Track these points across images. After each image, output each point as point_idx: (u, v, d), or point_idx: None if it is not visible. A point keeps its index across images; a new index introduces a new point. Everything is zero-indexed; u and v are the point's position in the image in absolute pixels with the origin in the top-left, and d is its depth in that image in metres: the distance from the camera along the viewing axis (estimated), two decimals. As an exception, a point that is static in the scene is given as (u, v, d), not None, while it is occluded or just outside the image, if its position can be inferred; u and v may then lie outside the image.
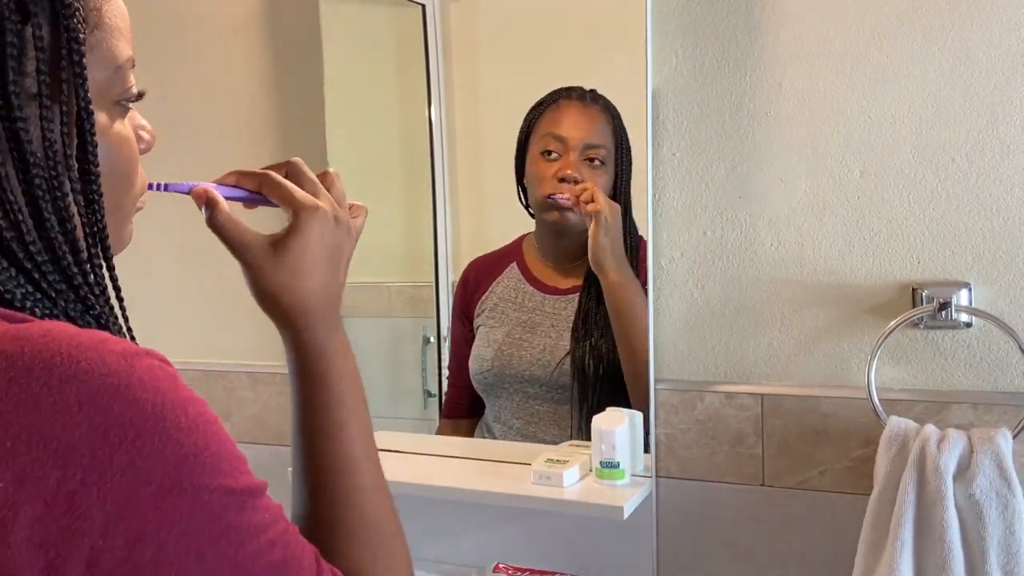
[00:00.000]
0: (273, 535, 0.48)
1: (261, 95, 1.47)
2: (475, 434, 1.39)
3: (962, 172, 1.05)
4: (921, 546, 0.98)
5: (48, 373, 0.42)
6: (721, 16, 1.14)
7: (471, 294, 1.39)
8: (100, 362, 0.43)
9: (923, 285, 1.07)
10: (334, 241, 0.65)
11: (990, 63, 1.03)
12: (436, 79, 1.40)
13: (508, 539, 1.31)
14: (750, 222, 1.15)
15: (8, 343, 0.43)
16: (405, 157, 1.50)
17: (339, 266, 0.67)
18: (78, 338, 0.44)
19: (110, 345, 0.44)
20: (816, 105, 1.11)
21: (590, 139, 1.26)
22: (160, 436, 0.43)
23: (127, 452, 0.42)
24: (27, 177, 0.49)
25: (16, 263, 0.48)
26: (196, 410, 0.46)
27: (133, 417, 0.43)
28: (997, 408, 1.04)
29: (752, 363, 1.17)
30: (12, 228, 0.48)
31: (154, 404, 0.44)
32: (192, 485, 0.44)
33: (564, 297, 1.32)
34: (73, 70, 0.50)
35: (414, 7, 1.40)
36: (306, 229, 0.63)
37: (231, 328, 1.50)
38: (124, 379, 0.43)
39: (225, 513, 0.46)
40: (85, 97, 0.51)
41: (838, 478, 1.12)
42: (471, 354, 1.37)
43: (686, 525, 1.21)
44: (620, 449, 1.16)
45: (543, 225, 1.33)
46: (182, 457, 0.44)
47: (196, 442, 0.45)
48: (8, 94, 0.47)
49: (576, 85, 1.28)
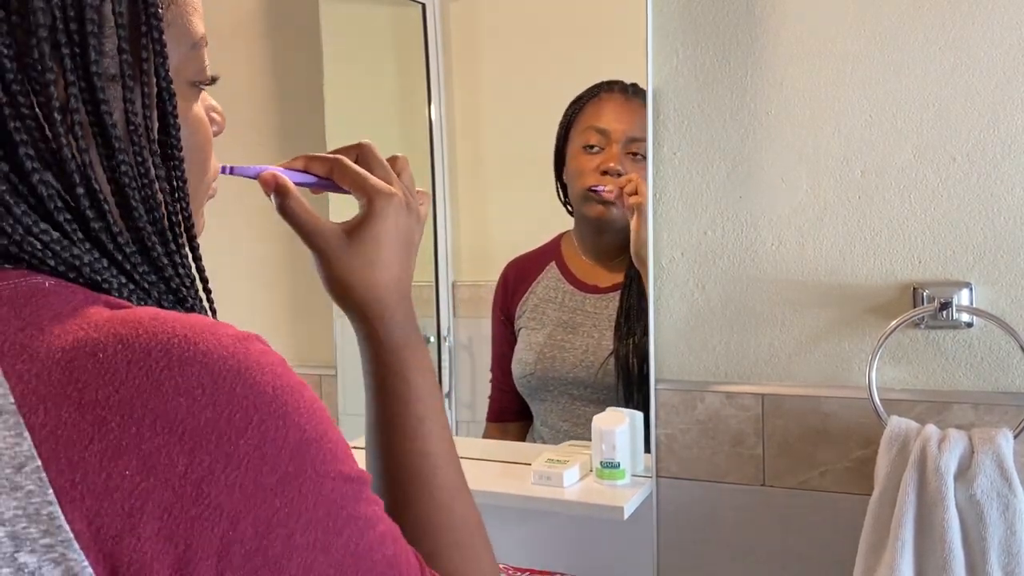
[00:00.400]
0: (384, 528, 0.46)
1: (261, 95, 1.47)
2: (528, 439, 1.37)
3: (963, 172, 1.05)
4: (922, 546, 0.98)
5: (167, 355, 0.40)
6: (722, 16, 1.14)
7: (511, 295, 1.37)
8: (218, 344, 0.41)
9: (924, 285, 1.07)
10: (407, 229, 0.63)
11: (991, 62, 1.03)
12: (436, 79, 1.40)
13: (509, 539, 1.31)
14: (751, 222, 1.15)
15: (120, 326, 0.41)
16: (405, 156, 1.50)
17: (411, 255, 0.65)
18: (189, 320, 0.42)
19: (222, 328, 0.43)
20: (817, 105, 1.11)
21: (633, 132, 1.24)
22: (283, 420, 0.41)
23: (252, 437, 0.40)
24: (113, 164, 0.46)
25: (107, 254, 0.46)
26: (310, 395, 0.44)
27: (256, 401, 0.41)
28: (998, 408, 1.04)
29: (753, 363, 1.16)
30: (100, 218, 0.46)
31: (274, 387, 0.42)
32: (315, 472, 0.42)
33: (605, 296, 1.30)
34: (154, 48, 0.47)
35: (414, 7, 1.40)
36: (381, 216, 0.61)
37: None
38: (243, 362, 0.41)
39: (346, 503, 0.44)
40: (167, 76, 0.48)
41: (839, 478, 1.12)
42: (513, 358, 1.36)
43: (686, 525, 1.21)
44: (620, 449, 1.16)
45: (584, 220, 1.32)
46: (305, 443, 0.42)
47: (316, 427, 0.43)
48: (91, 75, 0.45)
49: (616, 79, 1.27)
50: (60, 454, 0.38)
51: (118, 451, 0.38)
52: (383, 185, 0.63)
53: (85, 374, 0.39)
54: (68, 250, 0.44)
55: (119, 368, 0.39)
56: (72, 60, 0.44)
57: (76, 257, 0.45)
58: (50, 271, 0.44)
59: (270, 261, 1.48)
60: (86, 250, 0.45)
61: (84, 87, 0.45)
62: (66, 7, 0.44)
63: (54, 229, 0.44)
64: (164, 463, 0.38)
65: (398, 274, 0.63)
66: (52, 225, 0.44)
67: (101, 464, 0.38)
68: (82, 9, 0.44)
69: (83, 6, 0.44)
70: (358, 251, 0.61)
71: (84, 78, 0.45)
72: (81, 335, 0.40)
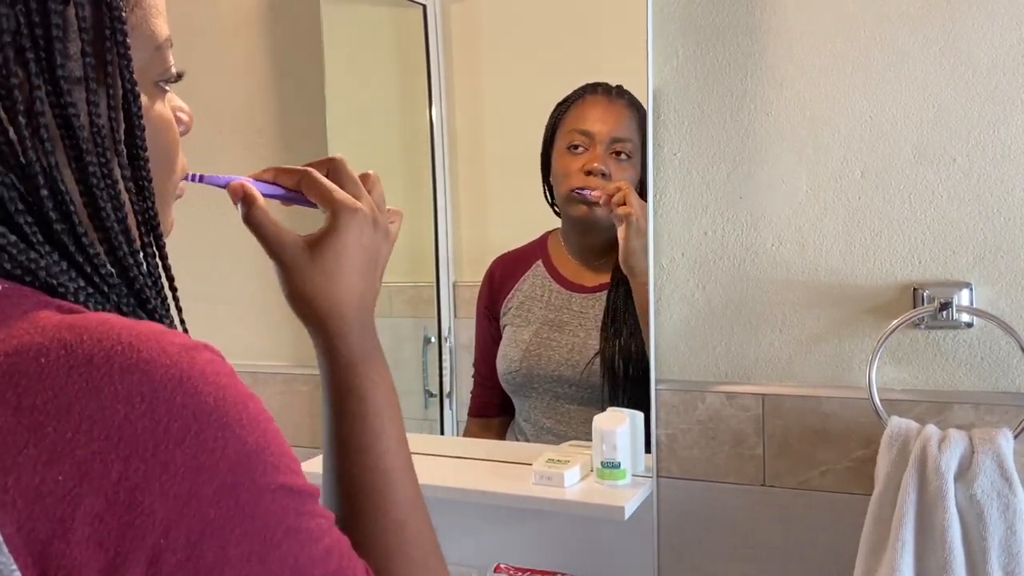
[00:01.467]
0: (329, 542, 0.46)
1: (261, 95, 1.47)
2: (507, 435, 1.38)
3: (963, 172, 1.05)
4: (922, 546, 0.98)
5: (109, 362, 0.40)
6: (722, 16, 1.14)
7: (497, 292, 1.38)
8: (161, 352, 0.41)
9: (924, 285, 1.07)
10: (372, 245, 0.64)
11: (991, 63, 1.03)
12: (437, 79, 1.40)
13: (509, 539, 1.31)
14: (751, 222, 1.15)
15: (66, 332, 0.41)
16: (406, 157, 1.50)
17: (376, 271, 0.65)
18: (137, 328, 0.42)
19: (169, 336, 0.43)
20: (817, 105, 1.11)
21: (616, 133, 1.25)
22: (223, 431, 0.41)
23: (190, 447, 0.40)
24: (81, 165, 0.47)
25: (67, 256, 0.46)
26: (256, 406, 0.44)
27: (196, 411, 0.41)
28: (998, 408, 1.04)
29: (753, 363, 1.17)
30: (63, 220, 0.46)
31: (216, 398, 0.42)
32: (254, 484, 0.42)
33: (591, 295, 1.31)
34: (117, 51, 0.48)
35: (415, 7, 1.40)
36: (344, 230, 0.62)
37: (231, 327, 1.50)
38: (186, 371, 0.41)
39: (286, 515, 0.43)
40: (131, 79, 0.49)
41: (839, 478, 1.12)
42: (498, 354, 1.36)
43: (687, 525, 1.21)
44: (621, 449, 1.16)
45: (569, 221, 1.32)
46: (245, 454, 0.42)
47: (258, 439, 0.43)
48: (57, 79, 0.45)
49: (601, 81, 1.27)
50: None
51: (52, 456, 0.38)
52: (348, 199, 0.63)
53: (25, 378, 0.39)
54: (25, 253, 0.45)
55: (59, 373, 0.39)
56: (37, 64, 0.45)
57: (32, 260, 0.45)
58: (5, 275, 0.44)
59: (270, 261, 1.48)
60: (44, 253, 0.46)
61: (51, 90, 0.45)
62: (30, 12, 0.44)
63: (12, 232, 0.45)
64: (98, 470, 0.38)
65: (360, 289, 0.63)
66: (10, 228, 0.45)
67: (35, 469, 0.38)
68: (47, 14, 0.45)
69: (48, 11, 0.45)
70: (319, 264, 0.61)
71: (50, 81, 0.45)
72: (26, 339, 0.41)
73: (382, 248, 0.65)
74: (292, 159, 1.46)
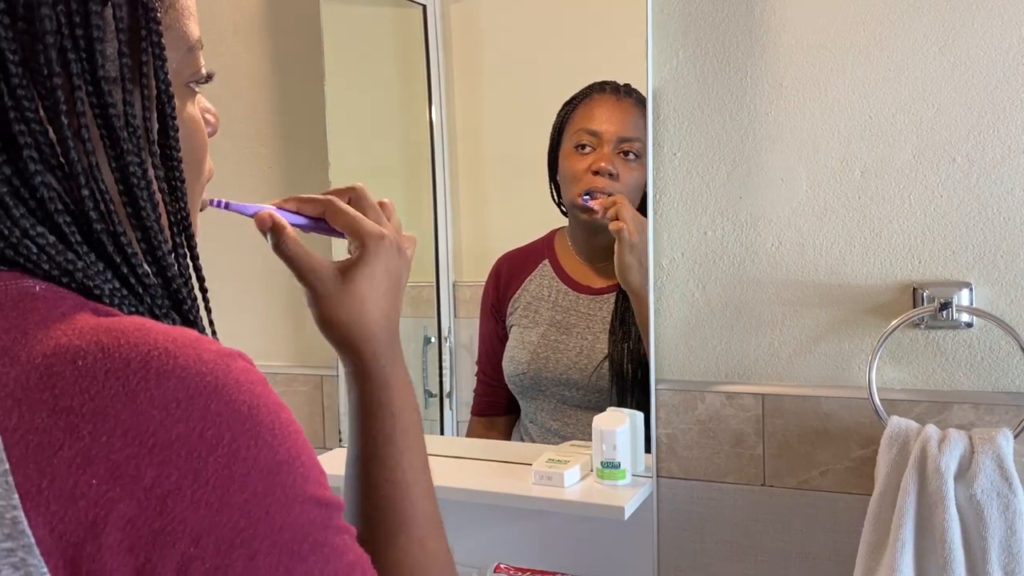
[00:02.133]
0: (353, 558, 0.46)
1: (261, 95, 1.47)
2: (512, 435, 1.37)
3: (963, 172, 1.05)
4: (922, 546, 0.98)
5: (146, 367, 0.40)
6: (722, 16, 1.14)
7: (503, 291, 1.37)
8: (198, 359, 0.41)
9: (924, 285, 1.07)
10: (397, 270, 0.66)
11: (991, 62, 1.03)
12: (437, 79, 1.40)
13: (509, 539, 1.31)
14: (751, 222, 1.15)
15: (104, 335, 0.41)
16: (405, 157, 1.50)
17: (400, 295, 0.67)
18: (173, 333, 0.42)
19: (206, 343, 0.43)
20: (817, 105, 1.11)
21: (623, 132, 1.25)
22: (255, 440, 0.41)
23: (223, 454, 0.40)
24: (120, 165, 0.47)
25: (104, 257, 0.47)
26: (287, 416, 0.44)
27: (229, 418, 0.41)
28: (998, 408, 1.04)
29: (753, 363, 1.17)
30: (103, 220, 0.46)
31: (249, 406, 0.42)
32: (284, 494, 0.42)
33: (599, 297, 1.30)
34: (153, 51, 0.48)
35: (415, 7, 1.40)
36: (374, 258, 0.64)
37: (231, 328, 1.50)
38: (222, 378, 0.41)
39: (313, 528, 0.43)
40: (165, 79, 0.49)
41: (839, 478, 1.12)
42: (505, 355, 1.35)
43: (687, 525, 1.21)
44: (621, 449, 1.16)
45: (576, 222, 1.32)
46: (276, 464, 0.42)
47: (289, 449, 0.42)
48: (98, 79, 0.45)
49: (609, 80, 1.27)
50: (29, 459, 0.38)
51: (87, 459, 0.38)
52: (375, 227, 0.65)
53: (63, 380, 0.39)
54: (63, 254, 0.45)
55: (97, 376, 0.39)
56: (79, 64, 0.45)
57: (70, 262, 0.45)
58: (43, 275, 0.44)
59: (271, 261, 1.48)
60: (82, 254, 0.46)
61: (91, 91, 0.45)
62: (71, 13, 0.44)
63: (51, 232, 0.45)
64: (131, 474, 0.38)
65: (388, 312, 0.65)
66: (50, 228, 0.45)
67: (69, 471, 0.38)
68: (87, 15, 0.45)
69: (88, 12, 0.45)
70: (351, 290, 0.64)
71: (92, 82, 0.45)
72: (64, 341, 0.41)
73: (404, 272, 0.68)
74: (291, 159, 1.46)
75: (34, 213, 0.44)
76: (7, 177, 0.43)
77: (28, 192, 0.44)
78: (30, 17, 0.43)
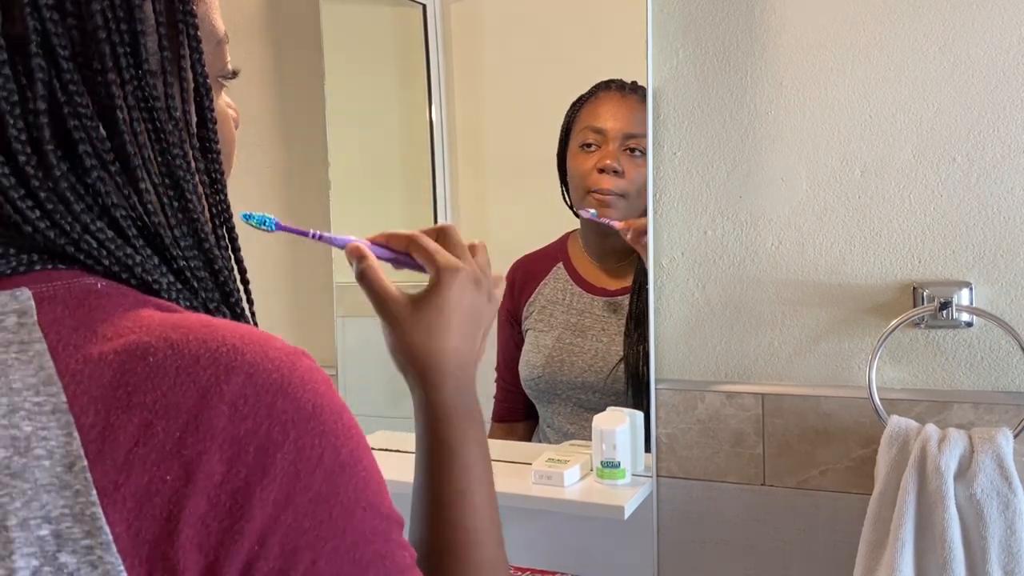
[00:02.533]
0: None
1: (261, 95, 1.47)
2: (533, 439, 1.37)
3: (963, 171, 1.05)
4: (922, 546, 0.98)
5: (215, 363, 0.40)
6: (722, 15, 1.14)
7: (518, 296, 1.37)
8: (265, 356, 0.41)
9: (924, 285, 1.07)
10: (473, 304, 0.65)
11: (991, 62, 1.03)
12: (437, 79, 1.40)
13: (509, 539, 1.30)
14: (751, 222, 1.15)
15: (171, 331, 0.41)
16: (405, 157, 1.50)
17: (478, 331, 0.66)
18: (240, 330, 0.42)
19: (273, 341, 0.43)
20: (817, 104, 1.11)
21: (629, 128, 1.24)
22: (320, 439, 0.41)
23: (288, 452, 0.40)
24: (167, 158, 0.47)
25: (160, 251, 0.47)
26: (349, 418, 0.43)
27: (295, 416, 0.40)
28: (998, 408, 1.04)
29: (753, 363, 1.17)
30: (160, 212, 0.46)
31: (314, 405, 0.41)
32: (347, 497, 0.41)
33: (613, 299, 1.30)
34: (190, 44, 0.49)
35: (415, 7, 1.40)
36: (444, 288, 0.63)
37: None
38: (287, 376, 0.41)
39: (376, 537, 0.42)
40: (203, 72, 0.50)
41: (839, 478, 1.12)
42: (520, 360, 1.35)
43: (687, 525, 1.21)
44: (621, 449, 1.16)
45: (586, 225, 1.31)
46: (340, 465, 0.41)
47: (352, 452, 0.42)
48: (144, 73, 0.46)
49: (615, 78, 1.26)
50: (106, 455, 0.38)
51: (161, 456, 0.38)
52: (451, 259, 0.65)
53: (135, 377, 0.39)
54: (122, 249, 0.45)
55: (168, 373, 0.39)
56: (126, 59, 0.45)
57: (129, 256, 0.45)
58: (103, 271, 0.44)
59: (272, 261, 1.48)
60: (139, 247, 0.46)
61: (138, 84, 0.46)
62: (115, 7, 0.45)
63: (109, 227, 0.45)
64: (204, 470, 0.38)
65: (458, 344, 0.64)
66: (108, 223, 0.45)
67: (144, 467, 0.38)
68: (131, 9, 0.45)
69: (131, 6, 0.45)
70: (420, 319, 0.63)
71: (138, 76, 0.46)
72: (133, 338, 0.40)
73: (484, 310, 0.67)
74: (291, 159, 1.46)
75: (91, 209, 0.44)
76: (64, 173, 0.43)
77: (84, 188, 0.44)
78: (80, 14, 0.43)
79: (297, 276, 1.47)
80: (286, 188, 1.46)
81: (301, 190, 1.45)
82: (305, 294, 1.46)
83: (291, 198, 1.46)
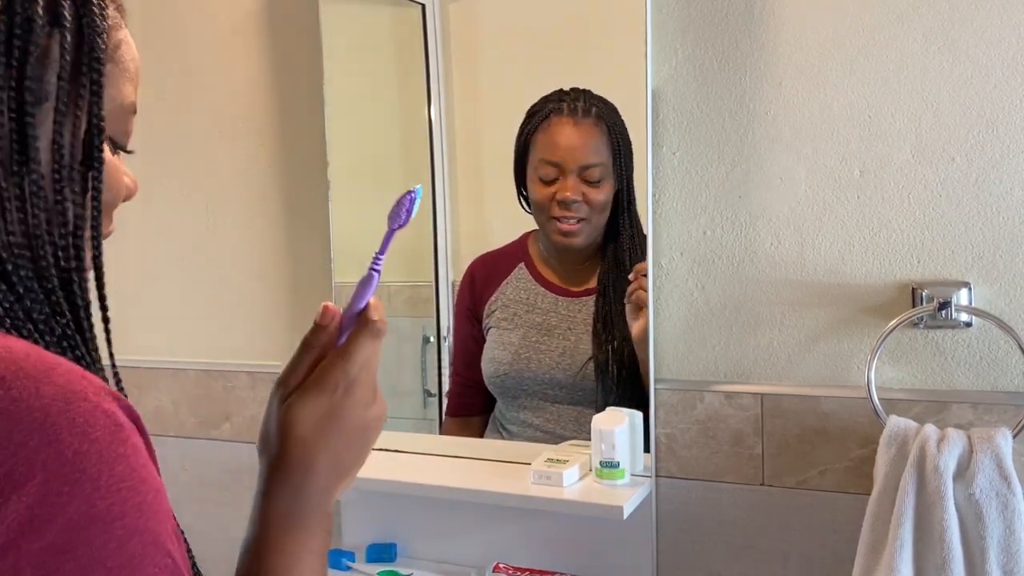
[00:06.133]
0: None
1: (261, 95, 1.47)
2: (487, 432, 1.38)
3: (962, 172, 1.05)
4: (921, 546, 0.98)
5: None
6: (721, 16, 1.14)
7: (479, 293, 1.38)
8: (34, 394, 0.39)
9: (923, 285, 1.07)
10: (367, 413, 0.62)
11: (990, 62, 1.03)
12: (436, 79, 1.40)
13: (508, 539, 1.31)
14: (750, 222, 1.15)
15: None
16: (405, 157, 1.50)
17: (365, 443, 0.62)
18: (25, 362, 0.40)
19: (54, 377, 0.40)
20: (816, 104, 1.11)
21: (584, 160, 1.25)
22: (71, 488, 0.38)
23: (27, 495, 0.37)
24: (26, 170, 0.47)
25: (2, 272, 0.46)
26: (126, 472, 0.40)
27: (47, 459, 0.38)
28: (997, 408, 1.04)
29: (752, 363, 1.17)
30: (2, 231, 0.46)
31: (76, 452, 0.38)
32: (86, 556, 0.37)
33: (578, 299, 1.31)
34: (91, 85, 0.50)
35: (414, 7, 1.40)
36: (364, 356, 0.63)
37: (231, 328, 1.50)
38: (53, 416, 0.38)
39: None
40: (99, 113, 0.50)
41: (838, 478, 1.12)
42: (485, 356, 1.36)
43: (686, 525, 1.21)
44: (620, 449, 1.16)
45: (545, 237, 1.33)
46: (88, 520, 0.38)
47: (111, 509, 0.38)
48: (24, 89, 0.46)
49: (569, 89, 1.26)
50: None
51: None
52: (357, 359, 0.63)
53: None
54: None
55: None
56: (6, 80, 0.46)
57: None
58: None
59: (270, 260, 1.48)
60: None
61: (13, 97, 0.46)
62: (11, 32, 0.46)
63: None
64: None
65: (315, 442, 0.59)
66: None
67: None
68: (30, 32, 0.47)
69: (31, 30, 0.47)
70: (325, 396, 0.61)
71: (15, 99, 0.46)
72: None
73: (373, 425, 0.63)
74: (291, 158, 1.46)
75: None
76: None
77: None
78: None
79: (296, 274, 1.47)
80: (286, 187, 1.46)
81: (300, 189, 1.45)
82: (304, 292, 1.46)
83: (291, 198, 1.46)
